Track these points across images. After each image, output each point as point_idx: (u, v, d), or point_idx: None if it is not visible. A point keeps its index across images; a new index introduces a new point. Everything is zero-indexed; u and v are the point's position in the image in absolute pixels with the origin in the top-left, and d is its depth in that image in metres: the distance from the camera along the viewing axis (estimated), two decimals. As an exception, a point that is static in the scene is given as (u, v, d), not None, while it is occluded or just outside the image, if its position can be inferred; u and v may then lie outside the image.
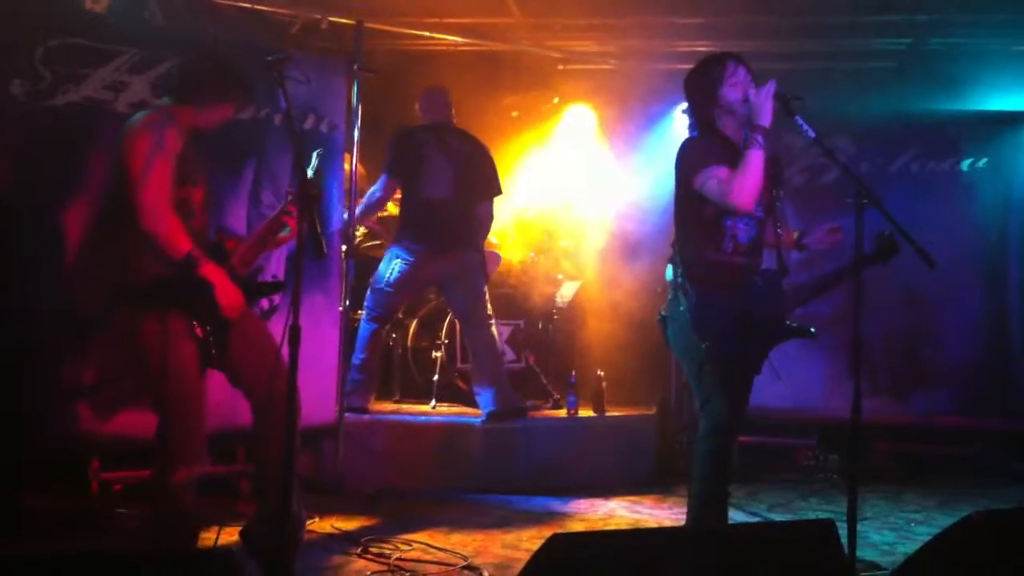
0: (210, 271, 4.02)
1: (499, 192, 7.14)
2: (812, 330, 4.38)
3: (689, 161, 4.39)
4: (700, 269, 4.37)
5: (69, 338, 5.22)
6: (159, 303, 4.01)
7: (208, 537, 4.39)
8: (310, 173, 4.09)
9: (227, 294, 4.04)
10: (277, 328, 3.93)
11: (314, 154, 4.11)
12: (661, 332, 4.56)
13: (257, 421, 4.29)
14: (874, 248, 4.40)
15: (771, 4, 7.62)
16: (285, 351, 3.65)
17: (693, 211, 4.41)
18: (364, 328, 6.88)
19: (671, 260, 4.50)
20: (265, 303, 5.71)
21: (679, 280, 4.40)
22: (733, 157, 4.37)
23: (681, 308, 4.37)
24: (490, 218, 7.14)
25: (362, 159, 6.84)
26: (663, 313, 4.54)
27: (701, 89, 4.48)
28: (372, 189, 6.88)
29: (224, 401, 4.61)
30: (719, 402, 4.32)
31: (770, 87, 4.18)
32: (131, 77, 5.48)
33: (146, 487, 4.35)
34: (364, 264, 7.27)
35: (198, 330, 4.03)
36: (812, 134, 4.17)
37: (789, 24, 7.99)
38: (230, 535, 4.63)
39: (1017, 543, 3.43)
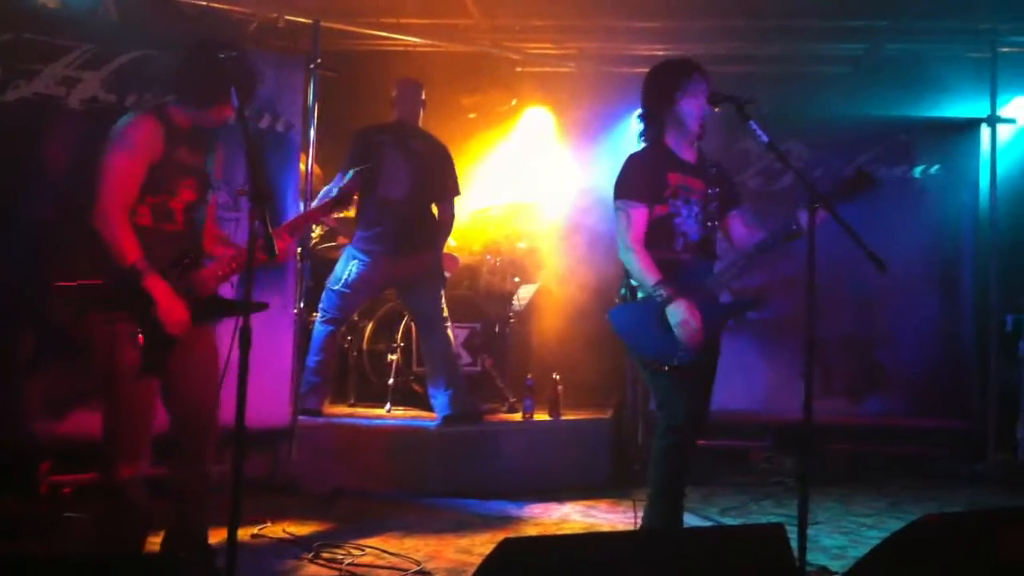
0: (153, 285, 3.87)
1: (457, 192, 7.07)
2: (754, 301, 4.36)
3: (621, 179, 4.47)
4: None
5: (22, 336, 5.15)
6: (110, 305, 3.94)
7: (155, 541, 4.32)
8: None
9: (169, 311, 3.89)
10: (229, 329, 3.85)
11: None
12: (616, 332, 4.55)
13: (181, 447, 4.19)
14: (846, 181, 4.21)
15: (729, 8, 7.66)
16: (235, 353, 3.57)
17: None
18: (319, 330, 6.80)
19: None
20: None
21: (631, 280, 4.41)
22: (674, 168, 4.38)
23: (633, 307, 4.38)
24: (451, 219, 7.06)
25: (318, 159, 6.78)
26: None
27: (659, 90, 4.48)
28: (327, 188, 6.69)
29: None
30: (674, 400, 4.33)
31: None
32: (83, 73, 5.43)
33: (96, 489, 4.28)
34: (320, 265, 7.21)
35: (140, 338, 3.92)
36: (765, 139, 4.17)
37: (746, 28, 8.04)
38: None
39: (966, 546, 3.44)
